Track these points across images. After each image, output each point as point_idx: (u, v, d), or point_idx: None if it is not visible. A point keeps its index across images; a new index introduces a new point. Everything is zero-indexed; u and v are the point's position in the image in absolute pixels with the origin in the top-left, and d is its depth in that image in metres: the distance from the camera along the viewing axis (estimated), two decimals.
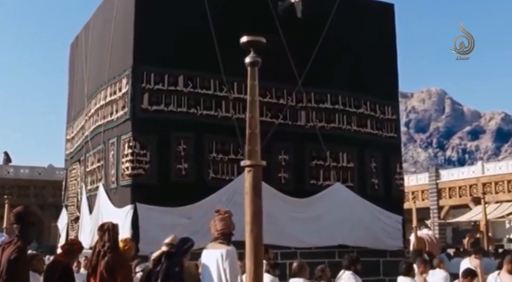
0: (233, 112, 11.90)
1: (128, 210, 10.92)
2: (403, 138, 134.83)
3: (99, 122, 12.90)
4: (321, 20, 12.97)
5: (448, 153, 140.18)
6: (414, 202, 36.63)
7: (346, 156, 13.00)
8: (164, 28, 11.64)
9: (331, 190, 12.63)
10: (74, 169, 15.19)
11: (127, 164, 11.07)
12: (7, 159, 29.03)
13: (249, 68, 4.74)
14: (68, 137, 16.94)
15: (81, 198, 14.24)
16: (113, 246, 6.27)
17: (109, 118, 12.30)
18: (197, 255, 11.16)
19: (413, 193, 36.86)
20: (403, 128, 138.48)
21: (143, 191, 11.01)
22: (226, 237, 6.87)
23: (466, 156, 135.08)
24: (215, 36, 11.68)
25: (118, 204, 11.40)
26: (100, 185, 12.39)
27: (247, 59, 4.78)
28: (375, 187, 13.29)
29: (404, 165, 16.52)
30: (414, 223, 25.65)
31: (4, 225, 17.28)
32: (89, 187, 13.54)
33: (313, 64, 12.57)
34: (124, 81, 11.60)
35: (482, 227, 24.53)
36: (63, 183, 17.20)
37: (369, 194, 13.04)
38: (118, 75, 11.95)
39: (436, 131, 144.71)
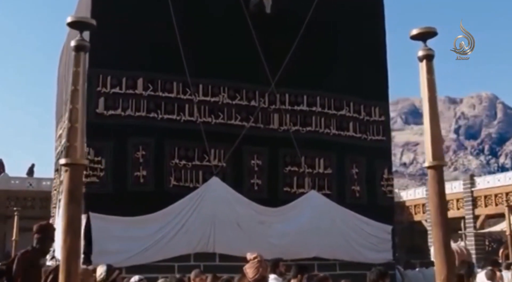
0: (198, 115, 11.27)
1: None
2: (453, 145, 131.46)
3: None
4: (297, 16, 12.18)
5: (502, 160, 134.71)
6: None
7: (323, 161, 12.11)
8: (123, 29, 11.11)
9: (305, 198, 11.78)
10: (55, 178, 14.87)
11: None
12: (1, 167, 29.30)
13: (74, 53, 4.13)
14: (56, 144, 16.68)
15: (58, 208, 13.86)
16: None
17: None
18: (155, 268, 10.69)
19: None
20: (452, 135, 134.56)
21: (97, 200, 10.43)
22: None
23: None
24: (179, 36, 11.09)
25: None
26: (59, 194, 11.96)
27: (72, 43, 4.17)
28: (356, 195, 12.33)
29: (455, 173, 15.36)
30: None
31: (13, 237, 17.18)
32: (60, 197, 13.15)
33: (288, 63, 11.80)
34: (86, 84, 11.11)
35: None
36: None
37: (349, 202, 12.10)
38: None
39: (488, 137, 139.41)
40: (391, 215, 12.84)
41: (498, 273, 9.32)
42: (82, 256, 10.03)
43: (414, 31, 4.47)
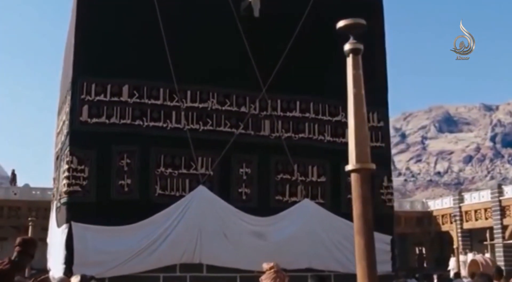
0: (185, 122, 11.01)
1: (63, 229, 10.24)
2: (490, 153, 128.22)
3: (60, 135, 12.41)
4: (290, 19, 11.82)
5: None
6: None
7: (317, 169, 11.67)
8: (109, 36, 10.98)
9: (298, 207, 11.36)
10: (54, 187, 14.80)
11: (64, 181, 10.42)
12: (13, 178, 29.56)
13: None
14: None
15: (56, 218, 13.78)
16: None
17: (64, 131, 11.78)
18: (140, 279, 10.44)
19: (476, 211, 34.23)
20: (488, 143, 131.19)
21: (79, 209, 10.28)
22: None
23: None
24: (166, 41, 10.88)
25: (59, 223, 10.76)
26: (53, 202, 11.85)
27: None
28: (352, 204, 11.78)
29: (491, 182, 14.72)
30: (455, 245, 23.53)
31: None
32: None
33: (280, 68, 11.44)
34: (70, 92, 11.02)
35: None
36: None
37: (344, 211, 11.58)
38: (69, 86, 11.42)
39: None
40: (391, 225, 12.26)
41: None
42: (63, 266, 9.92)
43: (341, 23, 4.17)
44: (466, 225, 34.26)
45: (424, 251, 39.83)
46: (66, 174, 10.36)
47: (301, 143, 11.64)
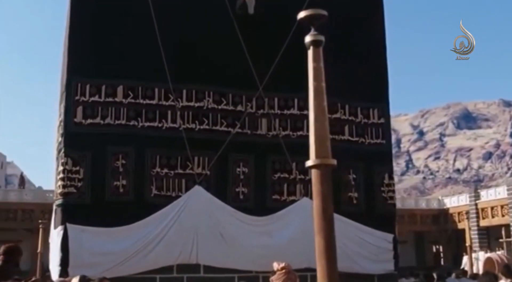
0: (180, 122, 10.91)
1: (59, 231, 10.20)
2: (510, 150, 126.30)
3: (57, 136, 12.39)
4: (287, 16, 11.62)
5: None
6: (460, 221, 33.52)
7: None
8: (103, 36, 10.91)
9: (297, 206, 11.19)
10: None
11: (59, 182, 10.39)
12: (22, 182, 29.80)
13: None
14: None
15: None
16: None
17: (61, 131, 11.74)
18: (136, 280, 10.36)
19: (492, 208, 33.73)
20: (508, 139, 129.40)
21: (74, 210, 10.23)
22: None
23: None
24: (160, 40, 10.79)
25: (56, 224, 10.73)
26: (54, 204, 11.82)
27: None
28: (353, 202, 11.62)
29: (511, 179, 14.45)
30: (467, 243, 23.09)
31: (39, 249, 17.33)
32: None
33: (277, 65, 11.27)
34: (65, 94, 10.99)
35: None
36: None
37: (345, 210, 11.39)
38: (63, 87, 11.38)
39: None
40: (393, 223, 12.00)
41: None
42: (58, 268, 9.88)
43: (301, 14, 4.08)
44: (483, 223, 33.78)
45: (441, 249, 39.38)
46: (61, 175, 10.32)
47: (299, 141, 11.42)
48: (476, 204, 34.07)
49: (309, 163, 4.27)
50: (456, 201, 37.19)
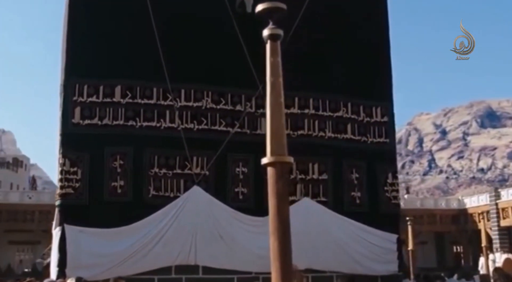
0: (179, 122, 10.83)
1: (57, 232, 10.21)
2: None
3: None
4: (288, 12, 11.47)
5: None
6: (479, 221, 32.93)
7: (318, 166, 11.30)
8: (100, 36, 10.88)
9: (297, 206, 10.99)
10: None
11: (58, 183, 10.40)
12: (33, 183, 30.03)
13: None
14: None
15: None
16: None
17: (59, 132, 11.76)
18: (136, 281, 10.30)
19: (503, 209, 33.16)
20: None
21: (72, 211, 10.22)
22: None
23: None
24: (158, 40, 10.73)
25: (55, 225, 10.74)
26: None
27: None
28: (356, 202, 11.42)
29: None
30: (484, 243, 22.64)
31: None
32: None
33: None
34: (63, 94, 10.98)
35: None
36: None
37: (348, 210, 11.23)
38: (61, 87, 11.38)
39: None
40: (397, 223, 11.77)
41: None
42: (56, 269, 9.87)
43: (259, 7, 3.98)
44: (504, 223, 33.14)
45: (462, 250, 38.75)
46: (59, 176, 10.32)
47: (300, 140, 11.28)
48: (496, 204, 33.44)
49: (264, 161, 4.14)
50: (476, 201, 36.53)
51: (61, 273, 9.73)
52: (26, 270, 28.75)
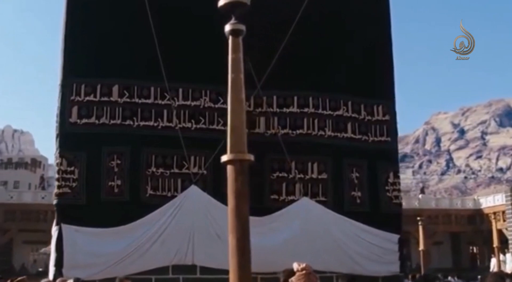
0: (177, 121, 10.78)
1: (54, 231, 10.23)
2: None
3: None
4: (287, 11, 11.35)
5: None
6: (493, 219, 32.42)
7: (317, 166, 11.17)
8: (98, 36, 10.88)
9: (296, 206, 10.91)
10: None
11: (55, 182, 10.43)
12: (41, 183, 30.21)
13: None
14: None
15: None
16: None
17: (56, 132, 11.77)
18: (133, 280, 10.26)
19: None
20: None
21: (69, 211, 10.23)
22: None
23: None
24: (156, 39, 10.68)
25: (54, 224, 10.76)
26: None
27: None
28: (356, 201, 11.26)
29: None
30: (495, 244, 22.29)
31: None
32: None
33: (276, 62, 10.98)
34: (60, 94, 11.00)
35: None
36: None
37: (348, 210, 11.09)
38: (58, 87, 11.40)
39: None
40: (398, 223, 11.53)
41: None
42: (53, 269, 9.88)
43: (221, 2, 3.97)
44: None
45: (477, 250, 38.30)
46: (56, 175, 10.34)
47: (299, 139, 11.18)
48: None
49: (223, 158, 4.07)
50: (492, 201, 36.05)
51: (58, 273, 9.73)
52: (40, 269, 28.98)
